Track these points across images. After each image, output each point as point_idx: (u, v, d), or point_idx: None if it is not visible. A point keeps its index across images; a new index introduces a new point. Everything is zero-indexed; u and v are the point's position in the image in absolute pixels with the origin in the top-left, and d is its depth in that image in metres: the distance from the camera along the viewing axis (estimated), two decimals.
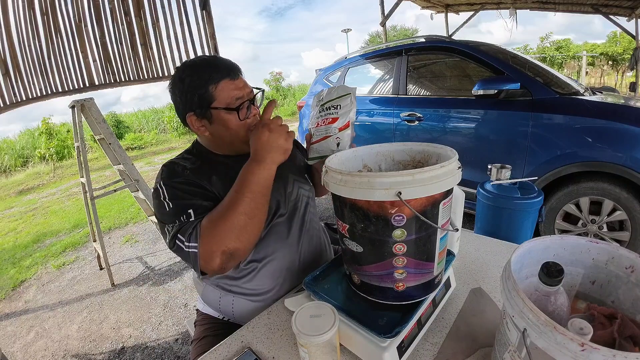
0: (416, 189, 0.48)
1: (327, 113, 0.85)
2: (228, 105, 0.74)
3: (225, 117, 0.75)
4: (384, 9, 5.78)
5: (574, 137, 1.78)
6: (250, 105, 0.78)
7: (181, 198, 0.69)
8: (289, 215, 0.84)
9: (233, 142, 0.80)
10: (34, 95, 2.08)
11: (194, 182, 0.73)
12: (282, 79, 15.32)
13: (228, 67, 0.75)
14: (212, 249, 0.62)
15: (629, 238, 1.76)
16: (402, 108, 2.61)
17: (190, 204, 0.68)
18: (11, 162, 9.70)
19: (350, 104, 0.84)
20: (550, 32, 23.51)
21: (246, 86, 0.78)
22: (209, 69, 0.74)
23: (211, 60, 0.77)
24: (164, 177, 0.74)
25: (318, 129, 0.86)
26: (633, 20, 5.36)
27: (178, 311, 2.01)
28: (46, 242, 3.67)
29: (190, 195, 0.70)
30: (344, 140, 0.83)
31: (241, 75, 0.78)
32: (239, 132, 0.77)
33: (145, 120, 13.41)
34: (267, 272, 0.81)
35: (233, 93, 0.74)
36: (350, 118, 0.84)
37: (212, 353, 0.65)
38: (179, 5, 2.46)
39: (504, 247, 0.93)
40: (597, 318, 0.47)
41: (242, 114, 0.76)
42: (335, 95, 0.86)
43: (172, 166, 0.77)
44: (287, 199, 0.85)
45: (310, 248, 0.88)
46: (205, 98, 0.74)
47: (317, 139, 0.86)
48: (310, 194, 0.94)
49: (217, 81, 0.73)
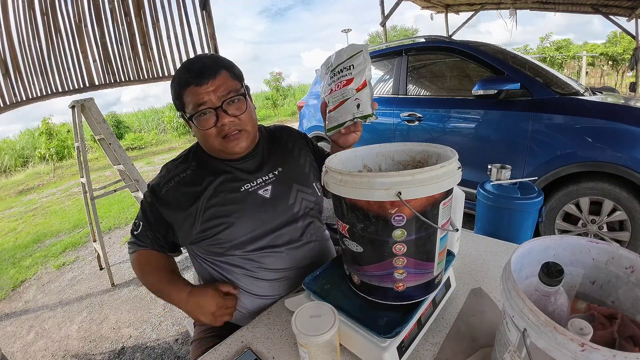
0: (416, 189, 0.48)
1: (341, 76, 0.77)
2: (190, 113, 0.72)
3: (192, 124, 0.75)
4: (384, 9, 5.78)
5: (574, 137, 1.78)
6: (217, 112, 0.71)
7: (144, 211, 0.82)
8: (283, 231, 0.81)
9: (210, 150, 0.79)
10: (34, 95, 2.08)
11: (158, 212, 0.78)
12: (282, 79, 15.27)
13: (198, 70, 0.70)
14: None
15: (629, 238, 1.76)
16: (402, 108, 2.61)
17: (144, 221, 0.82)
18: (11, 162, 9.71)
19: (365, 62, 0.76)
20: (550, 32, 23.46)
21: (217, 90, 0.71)
22: (182, 72, 0.72)
23: (190, 62, 0.73)
24: (153, 187, 0.81)
25: (333, 95, 0.78)
26: (633, 20, 5.36)
27: (178, 311, 2.01)
28: (46, 242, 3.67)
29: (147, 220, 0.81)
30: (363, 101, 0.75)
31: (215, 78, 0.71)
32: (208, 141, 0.74)
33: (145, 120, 13.43)
34: (266, 282, 0.81)
35: (195, 99, 0.71)
36: (366, 76, 0.76)
37: (212, 353, 0.65)
38: (179, 6, 2.46)
39: (504, 247, 0.93)
40: (597, 318, 0.47)
41: (202, 123, 0.72)
42: (346, 57, 0.78)
43: (163, 174, 0.81)
44: (288, 212, 0.81)
45: (313, 259, 0.85)
46: (180, 103, 0.74)
47: (334, 106, 0.78)
48: (316, 205, 0.88)
49: (185, 87, 0.71)
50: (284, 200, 0.81)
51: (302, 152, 0.92)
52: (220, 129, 0.73)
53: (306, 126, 3.64)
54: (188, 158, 0.83)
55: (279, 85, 15.02)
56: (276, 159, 0.86)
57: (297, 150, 0.92)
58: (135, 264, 0.83)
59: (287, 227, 0.81)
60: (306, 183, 0.86)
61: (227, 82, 0.72)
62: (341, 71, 0.78)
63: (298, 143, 0.93)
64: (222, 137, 0.74)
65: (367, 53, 0.78)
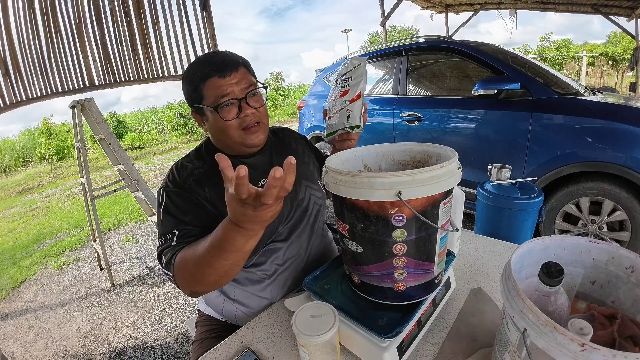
0: (416, 189, 0.48)
1: (341, 86, 0.86)
2: (212, 104, 0.71)
3: (212, 116, 0.73)
4: (384, 9, 5.79)
5: (574, 137, 1.78)
6: (240, 104, 0.72)
7: (172, 214, 0.70)
8: (295, 224, 0.82)
9: (227, 143, 0.77)
10: (34, 95, 2.08)
11: (190, 198, 0.71)
12: (282, 79, 15.30)
13: (221, 63, 0.71)
14: (182, 285, 0.63)
15: (629, 238, 1.76)
16: (402, 108, 2.61)
17: (176, 225, 0.68)
18: (11, 162, 9.70)
19: (361, 75, 0.83)
20: (550, 32, 23.47)
21: (240, 83, 0.72)
22: (202, 65, 0.72)
23: (209, 56, 0.74)
24: (168, 182, 0.74)
25: (334, 104, 0.87)
26: (633, 20, 5.37)
27: (178, 311, 2.01)
28: (46, 242, 3.67)
29: (181, 212, 0.70)
30: (354, 112, 0.81)
31: (237, 70, 0.72)
32: (229, 133, 0.73)
33: (145, 120, 13.41)
34: (277, 284, 0.81)
35: (217, 91, 0.71)
36: (361, 89, 0.82)
37: (212, 353, 0.65)
38: (179, 6, 2.46)
39: (504, 247, 0.93)
40: (597, 318, 0.47)
41: (225, 114, 0.71)
42: (349, 68, 0.86)
43: (179, 170, 0.76)
44: (297, 207, 0.83)
45: (318, 256, 0.88)
46: (197, 95, 0.73)
47: (333, 114, 0.86)
48: (322, 202, 0.91)
49: (205, 79, 0.71)
50: (295, 195, 0.83)
51: (305, 151, 0.95)
52: (242, 120, 0.73)
53: (306, 126, 3.64)
54: (201, 153, 0.81)
55: (279, 86, 15.03)
56: (283, 155, 0.86)
57: (301, 149, 0.95)
58: (181, 268, 0.62)
59: (298, 220, 0.83)
60: (312, 179, 0.89)
61: (246, 76, 0.74)
62: (343, 82, 0.86)
63: (300, 143, 0.97)
64: (242, 128, 0.74)
65: (365, 67, 0.84)
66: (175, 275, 0.63)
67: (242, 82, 0.72)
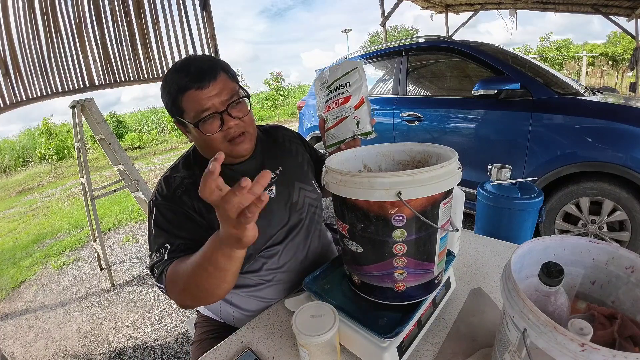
0: (416, 189, 0.48)
1: (337, 93, 0.79)
2: (193, 120, 0.68)
3: (195, 131, 0.70)
4: (384, 9, 5.79)
5: (574, 137, 1.78)
6: (222, 116, 0.69)
7: (162, 228, 0.69)
8: (290, 228, 0.81)
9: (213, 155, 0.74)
10: (34, 95, 2.08)
11: (180, 210, 0.70)
12: (282, 79, 15.27)
13: (198, 73, 0.67)
14: (174, 299, 0.64)
15: (629, 238, 1.76)
16: (402, 108, 2.61)
17: (167, 239, 0.68)
18: (11, 162, 9.71)
19: (360, 79, 0.78)
20: (550, 32, 23.49)
21: (220, 94, 0.68)
22: (178, 75, 0.68)
23: (185, 64, 0.69)
24: (157, 195, 0.73)
25: (331, 113, 0.80)
26: (633, 20, 5.37)
27: (178, 311, 2.01)
28: (46, 242, 3.67)
29: (172, 225, 0.69)
30: (362, 118, 0.78)
31: (215, 80, 0.67)
32: (213, 146, 0.70)
33: (145, 120, 13.42)
34: (274, 288, 0.81)
35: (197, 106, 0.67)
36: (363, 93, 0.78)
37: (212, 353, 0.65)
38: (179, 6, 2.46)
39: (504, 247, 0.93)
40: (597, 318, 0.47)
41: (207, 128, 0.68)
42: (340, 73, 0.79)
43: (168, 181, 0.74)
44: (291, 210, 0.81)
45: (316, 258, 0.87)
46: (177, 109, 0.70)
47: (334, 124, 0.80)
48: (318, 202, 0.89)
49: (183, 92, 0.67)
50: (288, 198, 0.81)
51: (299, 151, 0.92)
52: (226, 132, 0.70)
53: (306, 126, 3.64)
54: (189, 162, 0.79)
55: (279, 86, 15.02)
56: (275, 158, 0.86)
57: (295, 148, 0.92)
58: (171, 282, 0.63)
59: (293, 223, 0.82)
60: (306, 180, 0.87)
61: (227, 85, 0.70)
62: (337, 88, 0.80)
63: (294, 142, 0.94)
64: (227, 140, 0.71)
65: (363, 70, 0.79)
66: (166, 289, 0.64)
67: (223, 93, 0.68)
